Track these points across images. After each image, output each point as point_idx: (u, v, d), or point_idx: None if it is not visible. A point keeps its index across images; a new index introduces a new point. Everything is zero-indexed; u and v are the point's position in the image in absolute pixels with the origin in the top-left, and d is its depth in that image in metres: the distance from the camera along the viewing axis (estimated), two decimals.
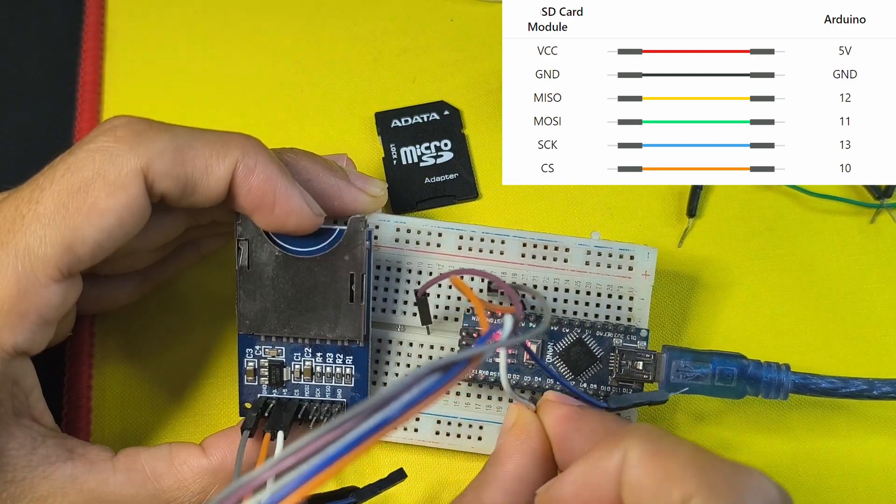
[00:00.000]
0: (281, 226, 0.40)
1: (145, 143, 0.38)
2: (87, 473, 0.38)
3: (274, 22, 0.53)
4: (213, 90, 0.52)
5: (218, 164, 0.39)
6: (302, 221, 0.40)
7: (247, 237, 0.41)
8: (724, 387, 0.41)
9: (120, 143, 0.38)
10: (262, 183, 0.39)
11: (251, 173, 0.39)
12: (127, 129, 0.38)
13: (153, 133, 0.38)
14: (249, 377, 0.43)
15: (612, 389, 0.42)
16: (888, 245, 0.48)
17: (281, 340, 0.43)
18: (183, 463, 0.39)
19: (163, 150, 0.38)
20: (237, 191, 0.39)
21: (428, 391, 0.32)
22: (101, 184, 0.37)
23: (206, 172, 0.39)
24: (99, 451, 0.39)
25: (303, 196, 0.40)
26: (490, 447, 0.42)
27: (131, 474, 0.39)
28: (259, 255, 0.41)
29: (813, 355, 0.46)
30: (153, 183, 0.38)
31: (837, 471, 0.44)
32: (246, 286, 0.42)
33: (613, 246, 0.44)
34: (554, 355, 0.42)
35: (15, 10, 0.54)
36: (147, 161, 0.38)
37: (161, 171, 0.38)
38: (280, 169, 0.40)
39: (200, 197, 0.39)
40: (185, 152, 0.38)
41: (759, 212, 0.49)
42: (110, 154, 0.38)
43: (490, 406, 0.44)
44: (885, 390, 0.41)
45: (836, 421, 0.45)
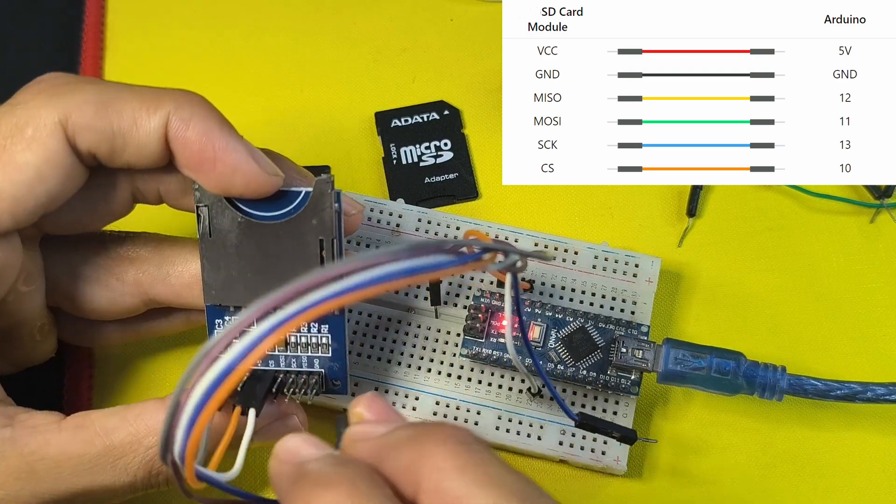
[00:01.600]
0: (228, 185, 0.37)
1: (66, 96, 0.36)
2: (27, 437, 0.36)
3: (274, 22, 0.53)
4: (214, 90, 0.51)
5: (147, 117, 0.36)
6: (251, 180, 0.37)
7: (206, 203, 0.38)
8: (720, 379, 0.41)
9: (39, 96, 0.36)
10: (198, 136, 0.36)
11: (185, 126, 0.36)
12: (49, 83, 0.37)
13: (75, 86, 0.37)
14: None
15: (611, 379, 0.42)
16: (888, 245, 0.48)
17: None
18: (137, 416, 0.37)
19: (84, 102, 0.36)
20: (174, 147, 0.37)
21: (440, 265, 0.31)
22: (19, 138, 0.36)
23: (135, 125, 0.36)
24: (45, 416, 0.37)
25: (250, 153, 0.37)
26: (485, 432, 0.43)
27: (78, 432, 0.36)
28: (220, 222, 0.38)
29: (812, 355, 0.46)
30: (75, 136, 0.36)
31: (834, 467, 0.44)
32: (209, 255, 0.39)
33: (620, 253, 0.46)
34: (557, 341, 0.43)
35: (15, 10, 0.54)
36: (65, 113, 0.36)
37: (82, 123, 0.36)
38: (219, 123, 0.37)
39: (133, 154, 0.37)
40: (110, 105, 0.36)
41: (759, 212, 0.49)
42: (28, 107, 0.36)
43: (489, 391, 0.44)
44: (880, 392, 0.41)
45: (832, 417, 0.45)
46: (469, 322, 0.43)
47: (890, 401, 0.42)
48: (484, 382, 0.44)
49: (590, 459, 0.42)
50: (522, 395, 0.44)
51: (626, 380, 0.42)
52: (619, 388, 0.42)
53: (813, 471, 0.44)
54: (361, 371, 0.44)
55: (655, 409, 0.45)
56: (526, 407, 0.44)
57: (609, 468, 0.43)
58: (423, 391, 0.44)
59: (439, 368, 0.44)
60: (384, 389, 0.44)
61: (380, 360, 0.44)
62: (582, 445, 0.43)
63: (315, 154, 0.50)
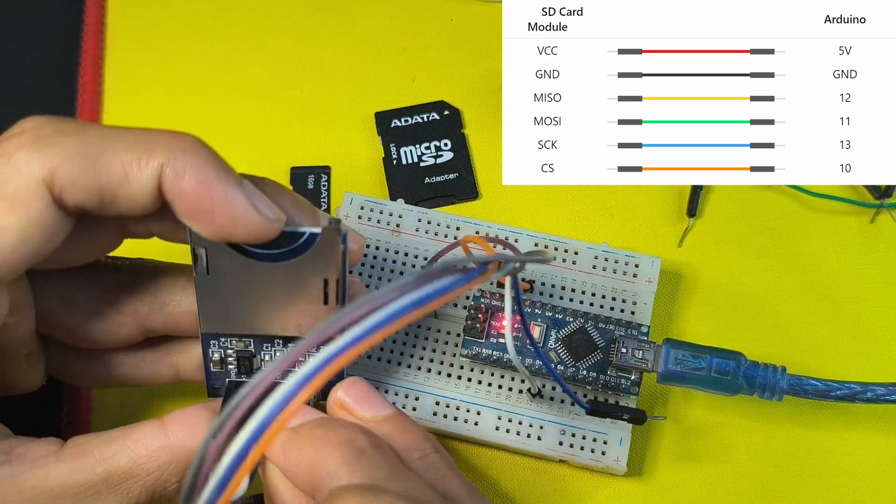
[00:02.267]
0: (228, 235, 0.35)
1: (49, 150, 0.34)
2: (27, 472, 0.35)
3: (274, 22, 0.53)
4: (214, 90, 0.52)
5: (139, 169, 0.34)
6: (252, 229, 0.35)
7: (203, 244, 0.36)
8: (720, 379, 0.41)
9: (21, 151, 0.34)
10: (194, 188, 0.34)
11: (181, 178, 0.34)
12: (31, 134, 0.34)
13: (59, 137, 0.34)
14: (216, 366, 0.40)
15: (611, 379, 0.42)
16: (888, 245, 0.48)
17: (249, 335, 0.39)
18: (138, 441, 0.36)
19: (69, 156, 0.34)
20: (169, 197, 0.34)
21: (444, 289, 0.32)
22: (0, 197, 0.33)
23: (126, 179, 0.34)
24: (42, 446, 0.36)
25: (251, 200, 0.35)
26: (485, 432, 0.43)
27: (77, 461, 0.36)
28: (218, 263, 0.36)
29: (812, 355, 0.46)
30: (62, 194, 0.34)
31: (833, 468, 0.44)
32: (206, 292, 0.37)
33: (620, 253, 0.46)
34: (557, 341, 0.43)
35: (15, 10, 0.54)
36: (50, 170, 0.33)
37: (68, 179, 0.34)
38: (217, 171, 0.34)
39: (125, 206, 0.35)
40: (98, 158, 0.34)
41: (759, 212, 0.49)
42: (10, 164, 0.33)
43: (489, 391, 0.44)
44: (880, 393, 0.41)
45: (832, 417, 0.45)
46: (469, 322, 0.43)
47: (890, 401, 0.42)
48: (484, 382, 0.44)
49: (590, 459, 0.42)
50: (522, 396, 0.44)
51: (626, 380, 0.42)
52: (619, 388, 0.42)
53: (813, 471, 0.44)
54: (361, 371, 0.44)
55: (655, 409, 0.45)
56: (526, 407, 0.43)
57: (609, 468, 0.43)
58: (422, 391, 0.44)
59: (439, 368, 0.44)
60: (384, 389, 0.44)
61: (379, 361, 0.44)
62: (582, 445, 0.43)
63: (315, 154, 0.50)
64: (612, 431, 0.43)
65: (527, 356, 0.43)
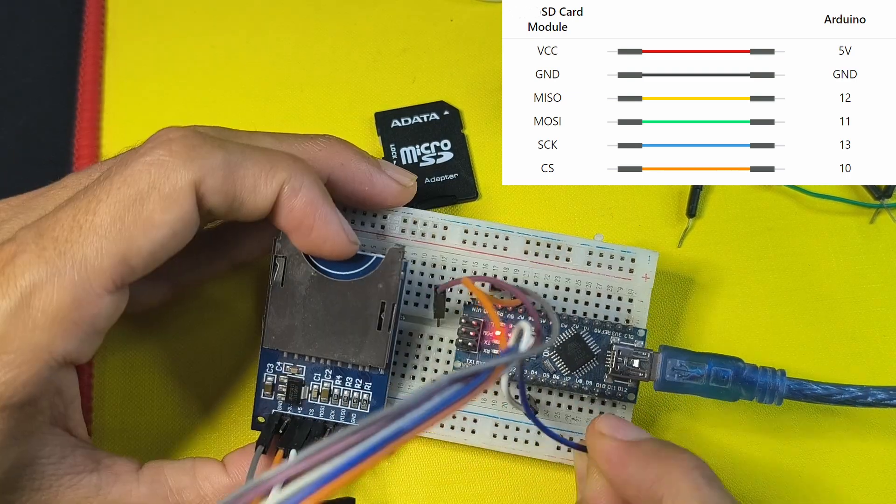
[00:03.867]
0: (317, 249, 0.41)
1: (199, 160, 0.38)
2: (111, 485, 0.39)
3: (274, 22, 0.53)
4: (214, 90, 0.52)
5: (266, 183, 0.39)
6: (337, 247, 0.41)
7: (284, 254, 0.42)
8: (718, 388, 0.41)
9: (175, 158, 0.38)
10: (304, 206, 0.40)
11: (295, 195, 0.40)
12: (182, 143, 0.39)
13: (207, 149, 0.39)
14: (267, 392, 0.43)
15: (608, 387, 0.42)
16: (888, 245, 0.48)
17: (303, 359, 0.43)
18: (205, 479, 0.41)
19: (215, 166, 0.39)
20: (279, 210, 0.40)
21: (448, 401, 0.32)
22: (157, 197, 0.38)
23: (254, 191, 0.39)
24: (125, 462, 0.40)
25: (341, 223, 0.41)
26: (482, 441, 0.43)
27: (154, 486, 0.40)
28: (294, 274, 0.42)
29: (812, 356, 0.46)
30: (203, 197, 0.39)
31: (834, 473, 0.44)
32: (277, 302, 0.42)
33: (615, 248, 0.45)
34: (551, 350, 0.43)
35: (15, 10, 0.54)
36: (200, 176, 0.38)
37: (212, 187, 0.38)
38: (323, 194, 0.41)
39: (245, 213, 0.40)
40: (235, 170, 0.39)
41: (759, 212, 0.49)
42: (165, 168, 0.38)
43: (485, 399, 0.44)
44: (880, 397, 0.41)
45: (833, 423, 0.45)
46: (461, 338, 0.43)
47: (891, 405, 0.41)
48: None
49: None
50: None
51: (622, 387, 0.42)
52: (616, 395, 0.42)
53: (814, 475, 0.44)
54: None
55: (652, 416, 0.45)
56: (523, 415, 0.43)
57: None
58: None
59: (434, 378, 0.44)
60: None
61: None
62: None
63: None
64: None
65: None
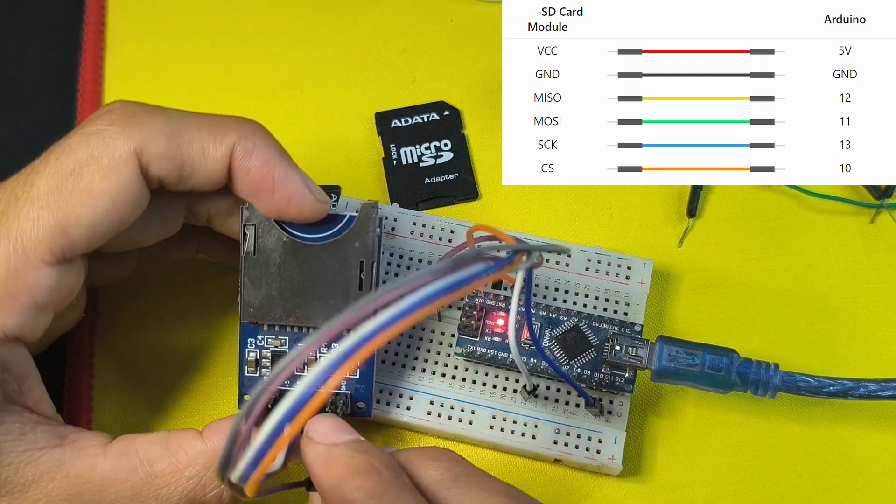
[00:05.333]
0: (282, 212, 0.40)
1: (139, 126, 0.38)
2: (75, 459, 0.38)
3: (274, 22, 0.53)
4: (214, 90, 0.52)
5: (214, 146, 0.38)
6: (303, 208, 0.39)
7: (253, 222, 0.40)
8: (713, 375, 0.41)
9: (114, 126, 0.38)
10: (260, 166, 0.39)
11: (249, 156, 0.39)
12: (121, 112, 0.38)
13: (147, 115, 0.38)
14: (251, 368, 0.42)
15: (605, 376, 0.43)
16: (888, 245, 0.48)
17: (284, 330, 0.41)
18: (178, 447, 0.38)
19: (157, 132, 0.38)
20: (235, 174, 0.39)
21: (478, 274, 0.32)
22: (95, 167, 0.37)
23: (203, 155, 0.38)
24: (93, 437, 0.39)
25: (304, 182, 0.39)
26: (480, 431, 0.43)
27: (122, 459, 0.38)
28: (266, 241, 0.40)
29: (812, 355, 0.46)
30: (148, 165, 0.38)
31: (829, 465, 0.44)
32: (251, 273, 0.40)
33: (612, 255, 0.46)
34: (551, 340, 0.43)
35: (15, 10, 0.54)
36: (140, 143, 0.37)
37: (155, 153, 0.38)
38: (279, 152, 0.39)
39: (199, 180, 0.39)
40: (180, 134, 0.38)
41: (759, 212, 0.49)
42: (103, 137, 0.37)
43: (484, 390, 0.44)
44: (872, 388, 0.41)
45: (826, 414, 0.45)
46: (464, 320, 0.43)
47: (882, 397, 0.41)
48: (478, 382, 0.44)
49: (584, 458, 0.42)
50: (517, 395, 0.44)
51: (620, 378, 0.42)
52: (614, 385, 0.42)
53: (808, 468, 0.44)
54: None
55: (650, 407, 0.45)
56: (521, 406, 0.43)
57: (604, 467, 0.43)
58: (417, 391, 0.44)
59: (433, 368, 0.44)
60: (378, 389, 0.44)
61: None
62: (577, 444, 0.43)
63: (315, 154, 0.51)
64: (606, 430, 0.43)
65: (523, 354, 0.43)
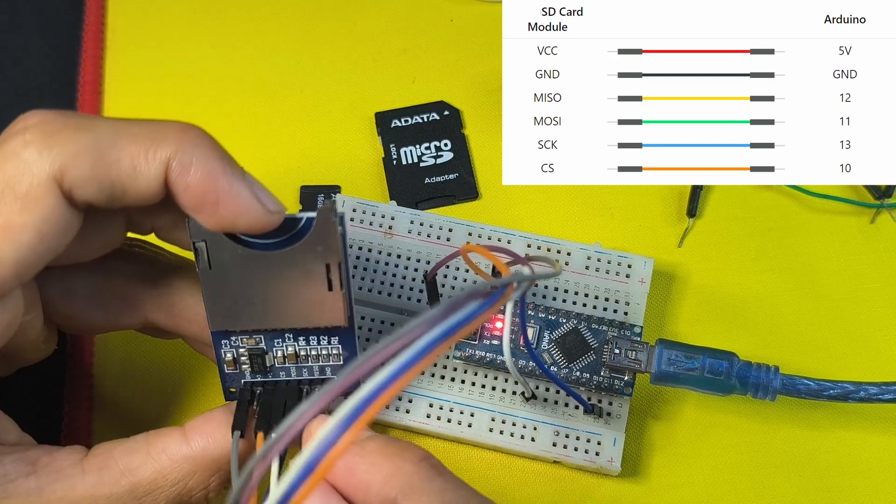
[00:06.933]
0: (230, 226, 0.35)
1: (59, 146, 0.33)
2: (53, 483, 0.35)
3: (274, 22, 0.53)
4: (214, 90, 0.52)
5: (147, 164, 0.34)
6: (253, 221, 0.35)
7: (202, 237, 0.36)
8: (712, 379, 0.41)
9: (29, 148, 0.33)
10: (200, 181, 0.34)
11: (186, 171, 0.34)
12: (37, 131, 0.34)
13: (68, 133, 0.34)
14: (230, 367, 0.39)
15: (604, 379, 0.42)
16: (888, 245, 0.48)
17: (258, 330, 0.39)
18: (161, 451, 0.36)
19: (79, 152, 0.33)
20: (174, 189, 0.35)
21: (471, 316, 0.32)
22: (12, 198, 0.33)
23: (134, 174, 0.34)
24: (68, 454, 0.36)
25: (253, 192, 0.35)
26: (479, 434, 0.43)
27: (103, 473, 0.36)
28: (219, 256, 0.36)
29: (812, 356, 0.46)
30: (72, 191, 0.34)
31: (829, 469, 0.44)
32: (209, 287, 0.37)
33: (612, 253, 0.46)
34: (550, 342, 0.43)
35: (15, 10, 0.54)
36: (61, 167, 0.33)
37: (78, 176, 0.34)
38: (222, 163, 0.35)
39: (132, 200, 0.35)
40: (107, 154, 0.34)
41: (759, 212, 0.49)
42: (19, 161, 0.33)
43: (483, 393, 0.44)
44: (872, 392, 0.41)
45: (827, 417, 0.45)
46: None
47: (883, 400, 0.41)
48: (477, 384, 0.44)
49: (584, 460, 0.42)
50: (516, 397, 0.44)
51: (619, 381, 0.42)
52: (613, 389, 0.42)
53: (808, 471, 0.44)
54: None
55: (649, 409, 0.45)
56: (519, 408, 0.43)
57: (603, 469, 0.43)
58: (416, 394, 0.44)
59: (432, 371, 0.44)
60: None
61: None
62: (576, 446, 0.43)
63: (315, 154, 0.51)
64: (605, 432, 0.43)
65: (520, 358, 0.43)
